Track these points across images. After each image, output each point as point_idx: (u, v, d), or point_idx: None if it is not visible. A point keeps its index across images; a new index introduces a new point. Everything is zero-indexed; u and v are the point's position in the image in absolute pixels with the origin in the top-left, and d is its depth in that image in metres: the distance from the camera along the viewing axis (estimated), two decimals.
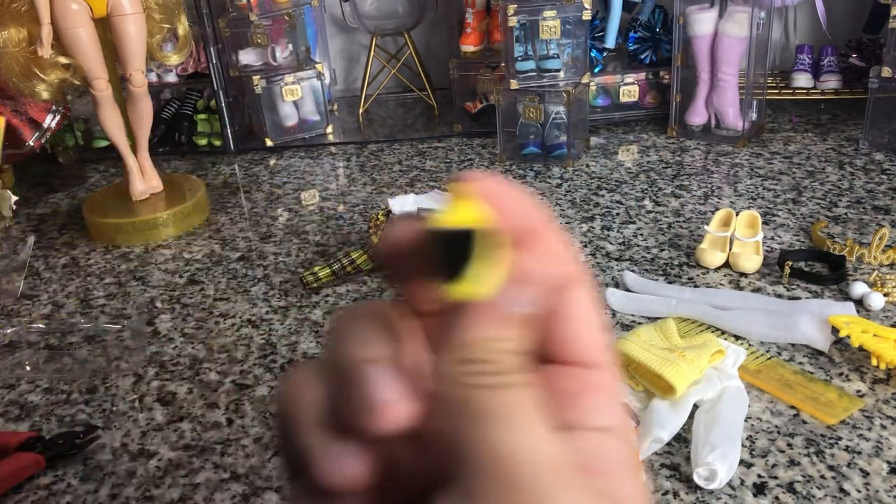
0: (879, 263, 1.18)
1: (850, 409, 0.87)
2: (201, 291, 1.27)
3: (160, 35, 1.50)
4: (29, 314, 1.25)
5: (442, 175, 1.71)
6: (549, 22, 1.66)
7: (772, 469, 0.80)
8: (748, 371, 0.94)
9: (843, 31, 2.00)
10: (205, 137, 2.00)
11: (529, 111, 1.72)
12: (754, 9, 1.66)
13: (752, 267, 1.18)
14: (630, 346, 0.90)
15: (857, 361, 0.96)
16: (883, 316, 1.05)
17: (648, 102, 1.95)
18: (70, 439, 0.89)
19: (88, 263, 1.41)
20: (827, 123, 1.86)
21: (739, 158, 1.68)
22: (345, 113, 2.22)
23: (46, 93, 1.40)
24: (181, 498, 0.82)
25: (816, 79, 1.92)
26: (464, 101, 2.00)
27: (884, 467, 0.79)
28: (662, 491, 0.78)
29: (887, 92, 1.64)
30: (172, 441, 0.91)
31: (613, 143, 1.84)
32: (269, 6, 1.94)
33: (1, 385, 1.05)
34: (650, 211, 1.44)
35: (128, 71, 1.45)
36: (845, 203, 1.42)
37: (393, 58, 2.18)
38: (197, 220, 1.54)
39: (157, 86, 2.04)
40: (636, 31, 1.95)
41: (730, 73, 1.73)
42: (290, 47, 1.96)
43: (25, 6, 1.33)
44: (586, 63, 1.74)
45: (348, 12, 2.14)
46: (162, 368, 1.06)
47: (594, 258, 1.27)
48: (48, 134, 1.72)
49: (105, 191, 1.63)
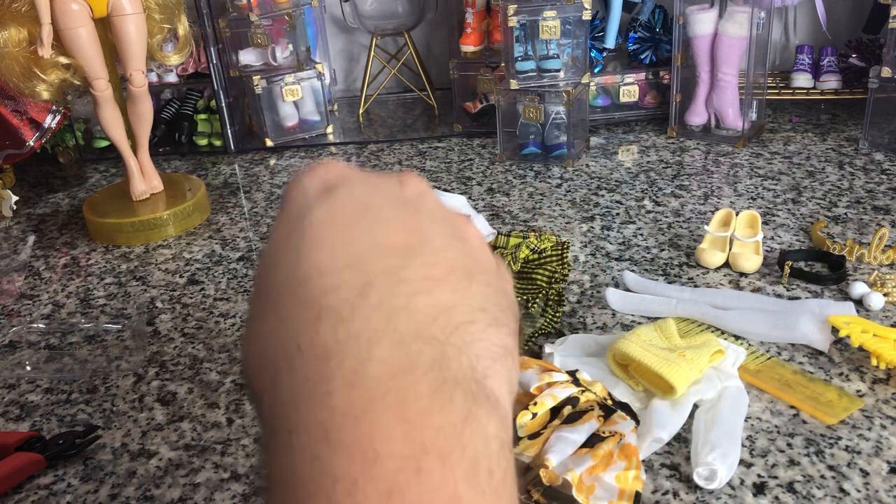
0: (879, 263, 1.18)
1: (849, 408, 0.87)
2: (201, 291, 1.27)
3: (160, 35, 1.50)
4: (29, 314, 1.25)
5: (442, 175, 1.71)
6: (549, 22, 1.66)
7: (772, 469, 0.80)
8: (748, 371, 0.94)
9: (843, 31, 2.00)
10: (205, 137, 2.00)
11: (529, 111, 1.72)
12: (754, 9, 1.66)
13: (752, 267, 1.18)
14: (630, 346, 0.90)
15: (857, 361, 0.96)
16: (883, 316, 1.05)
17: (648, 102, 1.95)
18: (70, 439, 0.89)
19: (89, 263, 1.41)
20: (827, 123, 1.86)
21: (739, 158, 1.68)
22: (345, 113, 2.22)
23: (47, 93, 1.40)
24: (181, 498, 0.82)
25: (816, 79, 1.92)
26: (464, 101, 2.00)
27: (884, 467, 0.79)
28: (662, 491, 0.78)
29: (887, 92, 1.64)
30: (172, 441, 0.91)
31: (613, 143, 1.84)
32: (269, 6, 1.94)
33: (1, 385, 1.05)
34: (650, 211, 1.44)
35: (128, 71, 1.45)
36: (845, 203, 1.42)
37: (393, 58, 2.18)
38: (197, 220, 1.54)
39: (157, 86, 2.04)
40: (636, 31, 1.95)
41: (730, 73, 1.73)
42: (291, 47, 1.96)
43: (25, 6, 1.33)
44: (586, 63, 1.74)
45: (348, 12, 2.14)
46: (162, 368, 1.06)
47: (594, 258, 1.27)
48: (48, 134, 1.72)
49: (105, 191, 1.63)
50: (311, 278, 0.25)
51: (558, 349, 0.98)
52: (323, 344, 0.23)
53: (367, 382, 0.22)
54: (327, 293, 0.25)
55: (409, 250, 0.26)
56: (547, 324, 1.04)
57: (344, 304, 0.24)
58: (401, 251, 0.26)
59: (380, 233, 0.27)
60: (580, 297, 1.14)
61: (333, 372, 0.23)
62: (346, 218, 0.27)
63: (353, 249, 0.26)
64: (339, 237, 0.26)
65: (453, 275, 0.26)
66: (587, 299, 1.14)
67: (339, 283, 0.25)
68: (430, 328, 0.24)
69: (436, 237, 0.27)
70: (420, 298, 0.25)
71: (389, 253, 0.26)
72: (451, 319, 0.25)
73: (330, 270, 0.25)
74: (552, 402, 0.81)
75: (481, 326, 0.26)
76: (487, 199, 1.55)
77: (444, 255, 0.27)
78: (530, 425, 0.79)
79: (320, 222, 0.27)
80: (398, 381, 0.23)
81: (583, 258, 1.27)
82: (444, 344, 0.24)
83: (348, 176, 0.29)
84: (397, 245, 0.26)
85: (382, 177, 0.30)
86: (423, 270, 0.26)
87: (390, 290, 0.25)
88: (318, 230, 0.27)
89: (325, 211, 0.27)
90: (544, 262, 1.04)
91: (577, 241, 1.33)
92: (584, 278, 1.20)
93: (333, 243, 0.26)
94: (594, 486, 0.74)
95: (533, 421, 0.79)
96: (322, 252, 0.26)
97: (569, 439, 0.76)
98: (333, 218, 0.27)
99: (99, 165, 1.96)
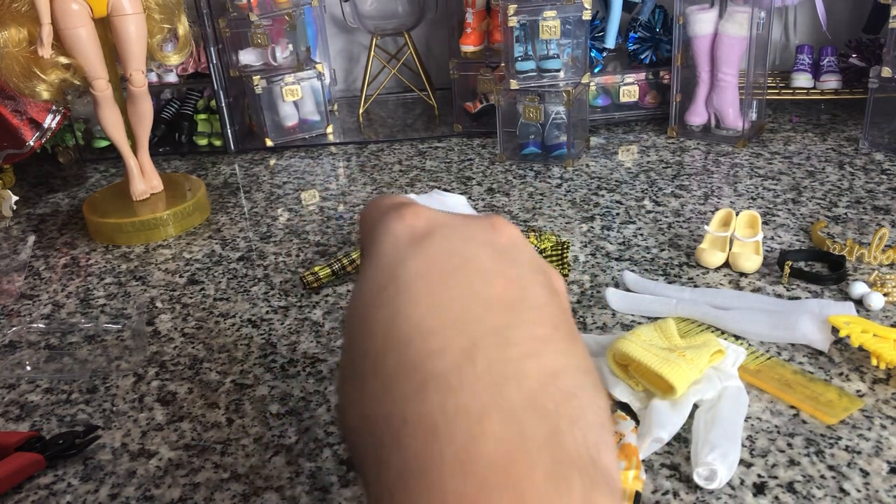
0: (879, 263, 1.18)
1: (850, 408, 0.87)
2: (201, 291, 1.27)
3: (160, 35, 1.50)
4: (29, 314, 1.25)
5: (442, 175, 1.71)
6: (549, 22, 1.66)
7: (772, 469, 0.80)
8: (748, 371, 0.94)
9: (843, 31, 2.00)
10: (205, 137, 2.00)
11: (529, 111, 1.72)
12: (754, 9, 1.66)
13: (752, 267, 1.18)
14: (630, 346, 0.90)
15: (857, 361, 0.96)
16: (883, 316, 1.05)
17: (648, 102, 1.95)
18: (70, 439, 0.89)
19: (88, 263, 1.41)
20: (827, 123, 1.86)
21: (739, 158, 1.68)
22: (345, 113, 2.22)
23: (46, 93, 1.40)
24: (181, 498, 0.82)
25: (816, 79, 1.92)
26: (464, 101, 2.00)
27: (884, 467, 0.79)
28: (662, 491, 0.78)
29: (887, 92, 1.64)
30: (172, 441, 0.91)
31: (613, 143, 1.84)
32: (269, 6, 1.94)
33: (1, 385, 1.05)
34: (650, 211, 1.44)
35: (128, 71, 1.45)
36: (845, 203, 1.42)
37: (393, 58, 2.18)
38: (197, 220, 1.54)
39: (157, 86, 2.04)
40: (636, 31, 1.95)
41: (730, 73, 1.73)
42: (291, 47, 1.96)
43: (25, 6, 1.33)
44: (586, 63, 1.74)
45: (348, 12, 2.14)
46: (162, 368, 1.06)
47: (594, 258, 1.27)
48: (48, 134, 1.72)
49: (105, 191, 1.63)
50: (413, 339, 0.23)
51: None
52: (430, 417, 0.22)
53: (479, 466, 0.20)
54: (432, 357, 0.23)
55: (513, 306, 0.24)
56: None
57: (451, 371, 0.22)
58: (504, 307, 0.24)
59: (481, 287, 0.24)
60: (580, 297, 1.14)
61: (443, 450, 0.21)
62: (444, 271, 0.25)
63: (454, 306, 0.24)
64: (439, 292, 0.24)
65: (558, 332, 0.24)
66: (587, 299, 1.14)
67: (443, 346, 0.23)
68: (541, 397, 0.22)
69: (536, 290, 0.25)
70: (529, 362, 0.23)
71: (493, 309, 0.24)
72: (561, 385, 0.23)
73: (433, 330, 0.23)
74: None
75: (589, 391, 0.24)
76: (487, 199, 1.55)
77: (548, 310, 0.25)
78: None
79: (418, 276, 0.25)
80: (513, 462, 0.21)
81: (583, 258, 1.27)
82: (556, 416, 0.22)
83: (440, 222, 0.27)
84: (500, 300, 0.24)
85: (474, 222, 0.28)
86: (529, 329, 0.24)
87: (498, 354, 0.23)
88: (416, 284, 0.25)
89: (420, 262, 0.25)
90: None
91: (577, 241, 1.33)
92: (584, 278, 1.20)
93: (433, 299, 0.24)
94: None
95: None
96: (421, 309, 0.24)
97: None
98: (430, 271, 0.25)
99: (99, 165, 1.96)
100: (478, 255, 0.26)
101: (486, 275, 0.25)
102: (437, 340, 0.23)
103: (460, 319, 0.23)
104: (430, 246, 0.26)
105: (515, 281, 0.25)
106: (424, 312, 0.24)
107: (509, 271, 0.26)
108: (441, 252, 0.26)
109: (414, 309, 0.24)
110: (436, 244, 0.26)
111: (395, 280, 0.25)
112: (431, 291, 0.24)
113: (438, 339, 0.23)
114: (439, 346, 0.23)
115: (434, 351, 0.23)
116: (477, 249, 0.26)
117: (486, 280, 0.25)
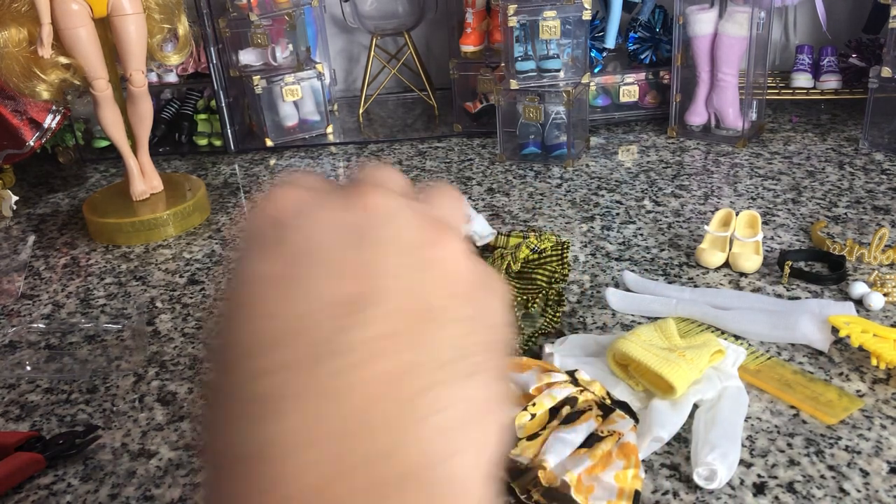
0: (879, 263, 1.18)
1: (849, 408, 0.87)
2: (201, 291, 1.27)
3: (160, 35, 1.50)
4: (29, 314, 1.25)
5: (442, 175, 1.71)
6: (549, 22, 1.66)
7: (772, 469, 0.80)
8: (748, 371, 0.94)
9: (843, 31, 2.00)
10: (205, 137, 2.00)
11: (529, 111, 1.72)
12: (754, 9, 1.66)
13: (752, 267, 1.18)
14: (630, 346, 0.90)
15: (857, 361, 0.96)
16: (883, 316, 1.05)
17: (648, 102, 1.95)
18: (70, 439, 0.89)
19: (89, 263, 1.41)
20: (827, 123, 1.86)
21: (739, 158, 1.68)
22: (345, 113, 2.22)
23: (47, 93, 1.40)
24: (181, 498, 0.82)
25: (816, 79, 1.92)
26: (464, 101, 2.00)
27: (883, 467, 0.79)
28: (662, 491, 0.78)
29: (887, 92, 1.64)
30: (173, 441, 0.91)
31: (613, 143, 1.84)
32: (269, 6, 1.94)
33: (1, 385, 1.05)
34: (650, 211, 1.44)
35: (128, 71, 1.45)
36: (845, 203, 1.42)
37: (393, 58, 2.18)
38: (197, 220, 1.54)
39: (157, 86, 2.04)
40: (636, 31, 1.95)
41: (730, 73, 1.73)
42: (291, 47, 1.96)
43: (25, 6, 1.33)
44: (586, 63, 1.74)
45: (348, 12, 2.14)
46: (162, 368, 1.06)
47: (594, 258, 1.27)
48: (48, 134, 1.72)
49: (105, 191, 1.63)
50: (242, 358, 0.21)
51: (558, 349, 0.98)
52: (256, 447, 0.20)
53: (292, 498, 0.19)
54: (256, 378, 0.21)
55: (356, 304, 0.21)
56: (547, 324, 1.04)
57: (271, 395, 0.20)
58: (346, 308, 0.21)
59: (325, 284, 0.22)
60: (580, 297, 1.14)
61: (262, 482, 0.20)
62: (289, 271, 0.22)
63: (289, 315, 0.21)
64: (277, 299, 0.22)
65: (413, 323, 0.22)
66: (587, 299, 1.14)
67: (269, 365, 0.21)
68: (380, 406, 0.21)
69: (390, 277, 0.22)
70: (368, 369, 0.21)
71: (334, 311, 0.21)
72: (410, 387, 0.21)
73: (263, 347, 0.21)
74: (550, 403, 0.81)
75: (449, 386, 0.22)
76: (487, 199, 1.55)
77: (401, 300, 0.22)
78: (529, 426, 0.79)
79: (258, 279, 0.22)
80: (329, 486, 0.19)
81: (583, 258, 1.27)
82: (396, 425, 0.21)
83: (303, 207, 0.24)
84: (343, 300, 0.21)
85: (345, 199, 0.24)
86: (373, 328, 0.21)
87: (329, 366, 0.21)
88: (253, 290, 0.22)
89: (263, 264, 0.22)
90: (544, 262, 1.04)
91: (577, 241, 1.33)
92: (584, 278, 1.20)
93: (268, 308, 0.22)
94: (593, 487, 0.74)
95: (532, 422, 0.79)
96: (256, 321, 0.22)
97: (566, 440, 0.76)
98: (273, 273, 0.22)
99: (99, 165, 1.96)
100: (332, 245, 0.23)
101: (333, 268, 0.22)
102: (265, 358, 0.21)
103: (293, 330, 0.21)
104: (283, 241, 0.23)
105: (365, 271, 0.22)
106: (258, 325, 0.21)
107: (363, 257, 0.22)
108: (292, 247, 0.23)
109: (247, 322, 0.22)
110: (290, 237, 0.23)
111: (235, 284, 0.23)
112: (268, 298, 0.22)
113: (267, 357, 0.21)
114: (263, 366, 0.21)
115: (258, 371, 0.21)
116: (333, 237, 0.23)
117: (332, 275, 0.22)
